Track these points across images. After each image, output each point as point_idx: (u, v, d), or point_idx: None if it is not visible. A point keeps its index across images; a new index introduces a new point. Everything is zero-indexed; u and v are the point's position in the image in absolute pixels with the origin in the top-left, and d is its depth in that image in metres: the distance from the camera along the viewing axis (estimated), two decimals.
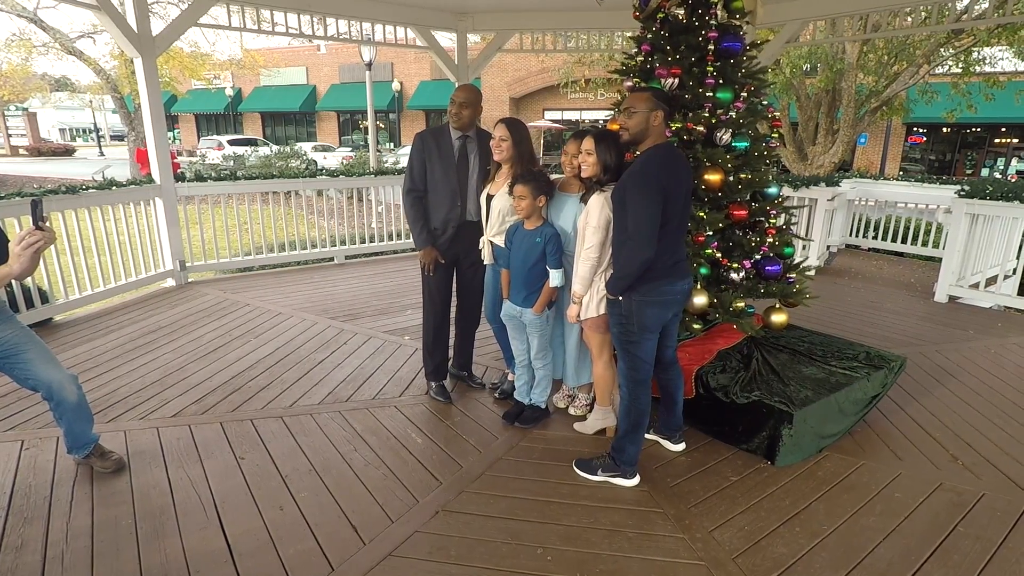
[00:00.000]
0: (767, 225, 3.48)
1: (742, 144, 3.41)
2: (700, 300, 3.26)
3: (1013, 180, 19.58)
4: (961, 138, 22.13)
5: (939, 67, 11.59)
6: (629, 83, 3.60)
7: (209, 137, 29.08)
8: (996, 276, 5.91)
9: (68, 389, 2.62)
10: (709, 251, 3.27)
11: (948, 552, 2.34)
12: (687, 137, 3.34)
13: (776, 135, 3.56)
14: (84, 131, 48.64)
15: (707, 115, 3.34)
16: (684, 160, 2.62)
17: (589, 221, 2.67)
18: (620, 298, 2.58)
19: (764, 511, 2.57)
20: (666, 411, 3.02)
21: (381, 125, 30.88)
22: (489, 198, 3.19)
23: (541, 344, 3.10)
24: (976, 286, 5.71)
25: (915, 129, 22.04)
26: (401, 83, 29.22)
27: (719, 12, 3.34)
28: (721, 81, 3.36)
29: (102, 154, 34.61)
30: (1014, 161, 21.13)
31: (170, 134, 35.73)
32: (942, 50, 10.64)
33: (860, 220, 8.17)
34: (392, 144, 29.23)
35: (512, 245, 3.00)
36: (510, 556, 2.27)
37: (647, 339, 2.61)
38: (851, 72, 10.67)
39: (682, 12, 3.39)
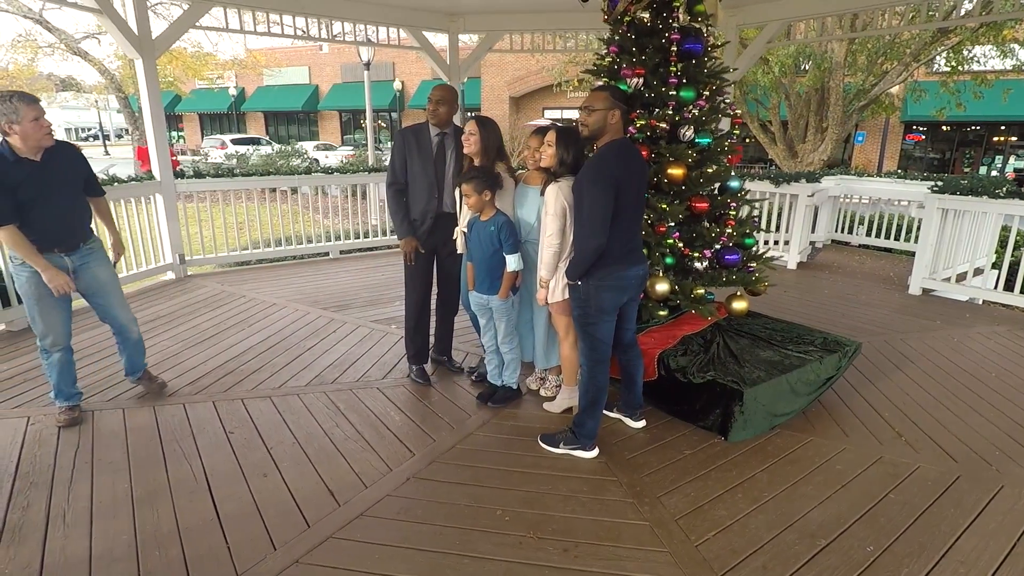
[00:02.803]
0: (728, 217, 3.68)
1: (704, 140, 3.61)
2: (662, 287, 3.46)
3: (1011, 178, 19.67)
4: (960, 136, 22.20)
5: (928, 66, 11.72)
6: (600, 83, 3.80)
7: (213, 136, 29.37)
8: (972, 269, 6.09)
9: (132, 329, 3.40)
10: (671, 241, 3.47)
11: (876, 516, 2.53)
12: (650, 134, 3.53)
13: (736, 132, 3.75)
14: (87, 130, 49.06)
15: (671, 113, 3.54)
16: (639, 154, 2.83)
17: (547, 210, 2.88)
18: (579, 283, 2.78)
19: (712, 480, 2.77)
20: (626, 390, 3.22)
21: (383, 124, 31.12)
22: None
23: (507, 329, 3.31)
24: (949, 279, 5.89)
25: (914, 127, 22.12)
26: (403, 83, 29.45)
27: (681, 15, 3.54)
28: (684, 81, 3.56)
29: (107, 153, 34.97)
30: (1012, 159, 21.19)
31: (175, 134, 36.19)
32: (930, 49, 10.78)
33: (848, 216, 8.30)
34: (393, 143, 29.44)
35: (471, 236, 3.22)
36: (470, 516, 2.48)
37: (604, 321, 2.81)
38: (838, 71, 10.83)
39: (647, 16, 3.58)
